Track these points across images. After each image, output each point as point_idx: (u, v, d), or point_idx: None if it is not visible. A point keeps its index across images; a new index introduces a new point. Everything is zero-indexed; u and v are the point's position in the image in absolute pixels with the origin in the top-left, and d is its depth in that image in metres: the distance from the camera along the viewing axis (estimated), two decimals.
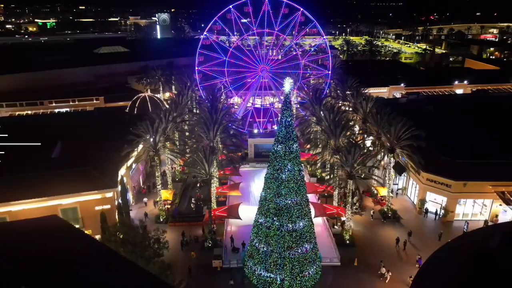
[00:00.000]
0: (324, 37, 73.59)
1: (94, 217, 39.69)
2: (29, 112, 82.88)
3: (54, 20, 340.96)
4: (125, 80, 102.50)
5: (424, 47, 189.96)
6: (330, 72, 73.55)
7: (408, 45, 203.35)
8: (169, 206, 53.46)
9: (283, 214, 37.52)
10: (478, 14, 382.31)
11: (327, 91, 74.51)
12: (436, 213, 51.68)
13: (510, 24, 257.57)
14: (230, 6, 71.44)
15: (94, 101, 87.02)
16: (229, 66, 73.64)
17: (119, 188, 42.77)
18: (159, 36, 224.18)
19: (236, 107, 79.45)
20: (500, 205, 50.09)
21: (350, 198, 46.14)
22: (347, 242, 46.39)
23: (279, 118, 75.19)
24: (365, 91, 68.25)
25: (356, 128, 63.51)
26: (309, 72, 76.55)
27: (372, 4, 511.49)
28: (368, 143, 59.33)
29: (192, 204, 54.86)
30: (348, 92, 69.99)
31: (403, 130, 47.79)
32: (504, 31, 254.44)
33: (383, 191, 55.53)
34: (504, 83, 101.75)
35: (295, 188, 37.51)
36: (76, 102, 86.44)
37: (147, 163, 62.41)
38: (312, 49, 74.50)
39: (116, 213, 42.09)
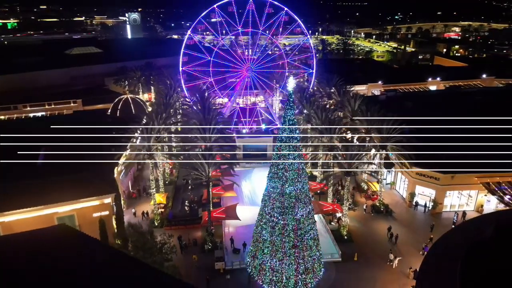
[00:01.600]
0: (308, 36, 74.48)
1: (92, 224, 38.29)
2: (2, 117, 78.75)
3: (15, 21, 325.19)
4: (102, 82, 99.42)
5: (395, 45, 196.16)
6: (314, 70, 74.56)
7: (379, 44, 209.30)
8: (162, 210, 52.42)
9: (288, 212, 37.72)
10: (439, 13, 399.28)
11: (311, 89, 75.40)
12: (425, 206, 53.57)
13: (471, 23, 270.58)
14: (215, 6, 70.82)
15: (72, 104, 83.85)
16: (214, 66, 73.06)
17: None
18: (129, 36, 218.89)
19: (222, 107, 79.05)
20: (485, 195, 52.66)
21: (347, 194, 46.96)
22: (345, 237, 47.26)
23: (262, 118, 76.51)
24: (352, 89, 69.60)
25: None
26: (293, 71, 77.10)
27: (339, 4, 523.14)
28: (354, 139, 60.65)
29: (186, 207, 54.05)
30: (333, 90, 71.16)
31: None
32: (466, 29, 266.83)
33: (372, 187, 57.02)
34: (473, 79, 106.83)
35: (300, 186, 37.82)
36: (53, 106, 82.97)
37: (136, 167, 61.00)
38: (296, 48, 75.11)
39: (113, 219, 40.86)
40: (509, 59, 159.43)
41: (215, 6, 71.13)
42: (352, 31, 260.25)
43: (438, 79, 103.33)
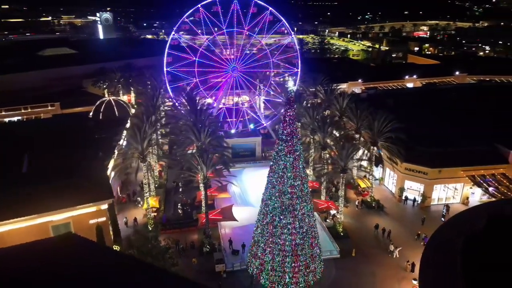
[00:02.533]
0: (293, 35, 74.96)
1: (89, 232, 36.91)
2: None
3: None
4: (80, 84, 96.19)
5: (368, 44, 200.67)
6: (299, 70, 75.10)
7: (353, 43, 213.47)
8: (155, 214, 51.39)
9: (290, 212, 37.83)
10: (406, 12, 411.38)
11: (297, 88, 75.89)
12: (414, 200, 55.11)
13: (438, 22, 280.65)
14: (199, 6, 69.93)
15: (49, 108, 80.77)
16: (199, 67, 72.21)
17: None
18: (101, 37, 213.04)
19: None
20: (470, 187, 54.77)
21: (342, 191, 47.63)
22: (341, 234, 47.91)
23: (247, 118, 76.30)
24: (339, 87, 70.59)
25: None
26: (278, 70, 77.40)
27: (309, 3, 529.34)
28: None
29: (179, 210, 53.21)
30: (319, 89, 72.00)
31: (385, 124, 50.26)
32: (434, 28, 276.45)
33: (362, 183, 58.08)
34: (446, 76, 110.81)
35: (300, 185, 38.00)
36: (29, 110, 79.60)
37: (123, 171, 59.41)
38: (281, 47, 75.42)
39: (110, 226, 39.68)
40: (478, 56, 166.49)
41: (199, 6, 70.26)
42: (327, 30, 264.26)
43: (415, 76, 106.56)
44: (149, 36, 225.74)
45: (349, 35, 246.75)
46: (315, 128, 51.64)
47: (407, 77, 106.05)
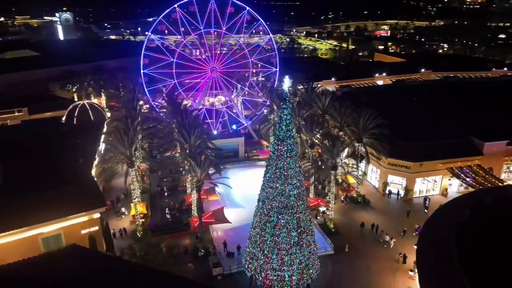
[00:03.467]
0: (271, 35, 75.25)
1: (81, 242, 34.94)
2: None
3: None
4: (46, 88, 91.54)
5: (335, 43, 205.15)
6: (277, 69, 75.50)
7: (320, 42, 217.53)
8: (143, 220, 49.85)
9: (288, 211, 37.93)
10: (365, 12, 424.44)
11: (276, 87, 76.28)
12: (398, 193, 56.94)
13: (398, 21, 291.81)
14: (175, 6, 68.58)
15: (17, 114, 76.25)
16: (177, 68, 70.87)
17: None
18: (61, 37, 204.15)
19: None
20: (449, 179, 57.35)
21: (333, 188, 48.38)
22: (333, 230, 48.66)
23: (227, 118, 75.78)
24: (320, 86, 71.61)
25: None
26: (257, 70, 77.46)
27: (272, 3, 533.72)
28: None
29: (167, 215, 51.94)
30: (300, 87, 72.80)
31: (370, 120, 51.58)
32: (394, 27, 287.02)
33: (348, 179, 59.25)
34: (413, 73, 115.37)
35: (298, 184, 38.20)
36: None
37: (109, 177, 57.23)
38: (259, 47, 75.54)
39: (102, 236, 38.09)
40: (438, 54, 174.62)
41: (175, 6, 68.94)
42: (294, 30, 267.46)
43: (384, 74, 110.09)
44: (113, 37, 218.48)
45: (316, 35, 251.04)
46: (301, 127, 52.05)
47: (377, 75, 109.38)
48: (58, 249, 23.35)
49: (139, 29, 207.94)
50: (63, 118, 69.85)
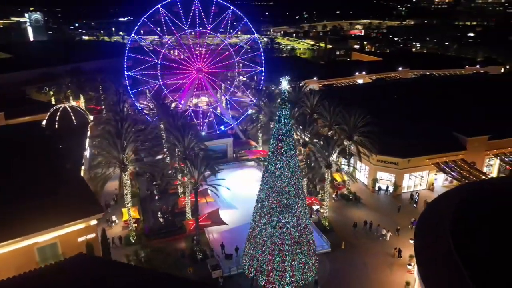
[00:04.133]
0: (255, 34, 75.28)
1: (77, 250, 33.88)
2: None
3: None
4: (22, 91, 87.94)
5: (312, 43, 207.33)
6: (263, 68, 75.54)
7: (298, 42, 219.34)
8: (135, 225, 48.73)
9: (288, 210, 38.05)
10: (338, 12, 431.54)
11: (262, 86, 76.40)
12: (386, 189, 58.15)
13: (371, 21, 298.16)
14: (159, 6, 67.40)
15: None
16: (162, 69, 69.70)
17: None
18: (32, 39, 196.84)
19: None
20: (435, 174, 59.10)
21: (327, 186, 48.88)
22: (327, 228, 49.17)
23: (212, 119, 75.20)
24: (307, 85, 72.11)
25: None
26: (243, 69, 77.26)
27: (246, 3, 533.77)
28: None
29: (160, 219, 51.01)
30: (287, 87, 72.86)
31: (360, 119, 52.44)
32: (367, 27, 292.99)
33: (338, 177, 60.03)
34: (391, 71, 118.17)
35: (297, 183, 38.38)
36: None
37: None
38: (245, 46, 75.42)
39: (100, 242, 36.98)
40: (413, 52, 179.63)
41: (159, 6, 67.75)
42: (271, 30, 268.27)
43: (364, 73, 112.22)
44: (86, 38, 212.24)
45: (294, 35, 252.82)
46: (293, 126, 52.19)
47: (357, 73, 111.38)
48: (66, 259, 22.38)
49: (113, 29, 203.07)
50: (44, 122, 67.46)
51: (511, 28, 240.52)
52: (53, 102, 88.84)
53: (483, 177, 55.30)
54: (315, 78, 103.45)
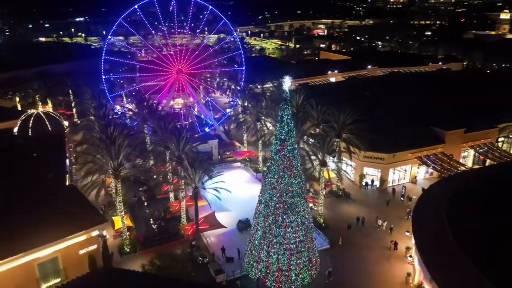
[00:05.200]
0: (235, 34, 74.88)
1: (79, 264, 32.47)
2: None
3: None
4: None
5: (280, 43, 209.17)
6: (244, 68, 75.21)
7: (265, 42, 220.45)
8: (128, 233, 46.97)
9: (293, 210, 38.17)
10: (299, 12, 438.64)
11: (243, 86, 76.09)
12: (372, 182, 59.70)
13: (333, 21, 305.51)
14: (136, 6, 65.29)
15: None
16: (141, 71, 67.66)
17: None
18: None
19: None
20: (418, 167, 61.49)
21: (322, 184, 49.48)
22: (323, 225, 49.81)
23: (194, 120, 74.03)
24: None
25: None
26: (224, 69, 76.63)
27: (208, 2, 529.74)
28: None
29: (153, 225, 49.46)
30: (269, 86, 73.42)
31: (348, 117, 53.55)
32: (330, 26, 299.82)
33: (327, 174, 60.85)
34: (361, 70, 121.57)
35: (301, 183, 38.58)
36: None
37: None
38: (226, 46, 74.90)
39: (101, 252, 35.26)
40: (377, 51, 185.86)
41: (135, 6, 65.65)
42: (238, 30, 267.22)
43: (336, 71, 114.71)
44: (43, 39, 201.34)
45: (261, 35, 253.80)
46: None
47: (329, 72, 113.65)
48: (88, 273, 21.14)
49: (72, 30, 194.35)
50: (15, 130, 63.36)
51: (463, 26, 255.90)
52: (19, 108, 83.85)
53: (462, 168, 58.24)
54: (290, 77, 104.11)
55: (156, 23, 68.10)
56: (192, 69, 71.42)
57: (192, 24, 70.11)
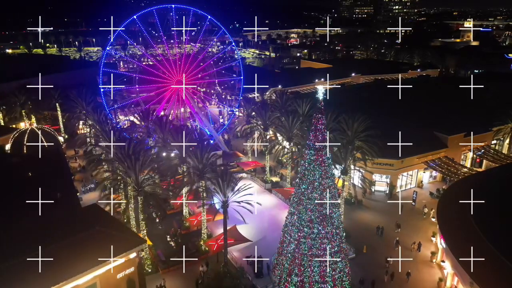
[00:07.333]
0: (233, 43, 74.23)
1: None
2: None
3: None
4: None
5: (257, 52, 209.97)
6: (242, 77, 74.52)
7: (243, 51, 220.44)
8: (149, 252, 44.70)
9: (328, 221, 37.67)
10: (267, 21, 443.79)
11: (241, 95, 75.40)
12: (388, 190, 60.29)
13: (305, 30, 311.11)
14: (134, 16, 63.24)
15: None
16: (140, 83, 65.44)
17: None
18: None
19: None
20: (423, 172, 62.75)
21: (344, 192, 49.26)
22: (344, 234, 49.39)
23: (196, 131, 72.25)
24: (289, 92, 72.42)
25: None
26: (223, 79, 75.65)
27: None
28: None
29: (171, 242, 47.38)
30: (271, 94, 73.01)
31: (362, 124, 53.95)
32: (301, 35, 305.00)
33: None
34: (345, 78, 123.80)
35: (335, 193, 38.17)
36: None
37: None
38: (223, 56, 74.04)
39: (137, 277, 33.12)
40: (354, 59, 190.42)
41: (134, 16, 63.62)
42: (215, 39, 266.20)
43: (322, 79, 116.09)
44: (10, 51, 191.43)
45: (240, 44, 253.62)
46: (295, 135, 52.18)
47: (316, 80, 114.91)
48: None
49: (41, 41, 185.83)
50: (7, 147, 59.42)
51: (429, 34, 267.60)
52: (2, 123, 78.93)
53: (470, 171, 59.94)
54: (279, 86, 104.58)
55: (154, 32, 66.32)
56: (191, 79, 69.87)
57: (191, 34, 68.86)
